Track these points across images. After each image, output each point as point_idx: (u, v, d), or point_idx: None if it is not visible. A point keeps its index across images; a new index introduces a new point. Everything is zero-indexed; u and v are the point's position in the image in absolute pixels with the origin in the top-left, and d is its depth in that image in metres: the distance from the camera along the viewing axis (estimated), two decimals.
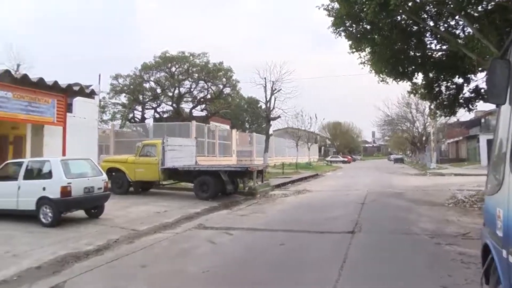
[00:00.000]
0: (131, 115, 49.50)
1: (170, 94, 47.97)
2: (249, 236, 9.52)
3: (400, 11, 12.87)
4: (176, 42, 73.82)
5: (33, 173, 10.67)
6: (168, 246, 8.41)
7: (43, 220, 9.86)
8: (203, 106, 50.35)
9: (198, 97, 49.29)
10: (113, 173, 16.51)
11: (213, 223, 11.13)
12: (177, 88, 47.41)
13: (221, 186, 15.80)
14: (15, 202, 10.28)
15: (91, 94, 21.97)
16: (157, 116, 49.18)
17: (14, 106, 17.41)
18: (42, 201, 9.88)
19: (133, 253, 7.71)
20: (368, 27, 14.48)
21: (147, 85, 48.48)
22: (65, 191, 9.79)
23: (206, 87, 48.13)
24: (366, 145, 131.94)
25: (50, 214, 9.82)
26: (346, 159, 74.69)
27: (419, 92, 18.12)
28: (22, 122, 19.45)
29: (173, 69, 46.79)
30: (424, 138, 52.59)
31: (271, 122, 39.06)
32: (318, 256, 7.56)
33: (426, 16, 14.82)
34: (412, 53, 16.27)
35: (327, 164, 59.28)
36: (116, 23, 75.36)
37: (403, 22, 14.91)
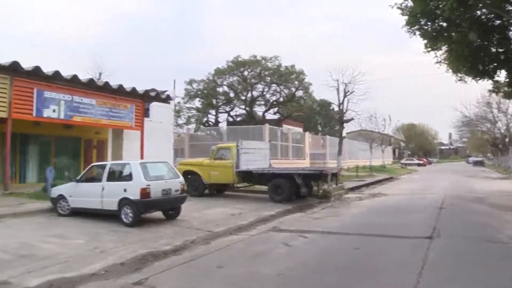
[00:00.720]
0: (205, 119, 51.14)
1: (243, 97, 48.93)
2: (324, 240, 9.60)
3: (481, 5, 12.37)
4: (247, 46, 75.35)
5: (115, 175, 11.50)
6: (244, 248, 8.70)
7: (125, 220, 10.61)
8: (276, 109, 50.83)
9: (271, 100, 49.86)
10: (189, 176, 17.24)
11: (288, 225, 11.33)
12: (249, 92, 48.28)
13: (295, 189, 16.00)
14: (100, 202, 11.18)
15: (167, 99, 23.13)
16: (231, 119, 50.37)
17: (98, 112, 18.84)
18: (124, 202, 10.65)
19: (209, 254, 8.07)
20: (444, 24, 14.07)
21: (220, 90, 49.88)
22: (145, 193, 10.46)
23: (278, 90, 48.61)
24: (442, 147, 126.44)
25: (130, 214, 10.54)
26: (421, 162, 72.29)
27: (502, 90, 17.25)
28: (105, 127, 20.96)
29: (246, 73, 47.69)
30: (507, 140, 49.47)
31: (344, 125, 38.70)
32: (395, 260, 7.49)
33: (511, 8, 14.10)
34: (494, 50, 15.52)
35: (402, 167, 57.48)
36: (187, 30, 78.34)
37: (483, 17, 14.27)
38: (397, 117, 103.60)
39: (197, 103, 50.99)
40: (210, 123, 50.67)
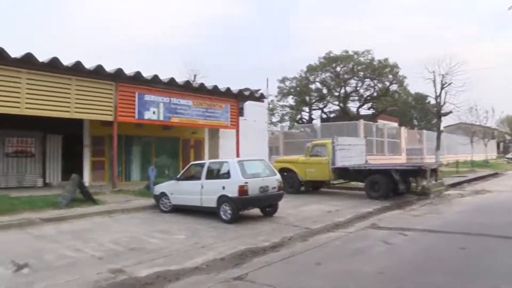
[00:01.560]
0: (298, 116, 51.30)
1: (336, 94, 48.35)
2: (425, 238, 9.24)
3: None
4: (339, 41, 73.85)
5: (214, 173, 11.95)
6: (342, 245, 8.64)
7: (223, 216, 11.01)
8: (370, 104, 49.58)
9: (365, 96, 48.75)
10: (285, 173, 17.42)
11: (386, 223, 11.06)
12: (342, 88, 47.61)
13: (393, 186, 15.57)
14: (199, 200, 11.71)
15: (261, 98, 23.56)
16: (324, 116, 50.02)
17: (194, 112, 19.73)
18: (222, 199, 11.04)
19: (307, 251, 8.11)
20: None
21: (313, 86, 49.71)
22: (243, 190, 10.76)
23: (372, 85, 47.41)
24: None
25: (229, 211, 10.90)
26: None
27: None
28: (201, 126, 21.87)
29: (338, 68, 47.09)
30: None
31: (442, 118, 36.82)
32: (507, 263, 7.04)
33: None
34: None
35: (508, 161, 52.99)
36: (277, 29, 78.87)
37: None
38: (501, 109, 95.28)
39: (290, 100, 51.36)
40: (304, 120, 50.73)
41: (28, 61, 14.46)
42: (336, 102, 49.37)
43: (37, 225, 10.51)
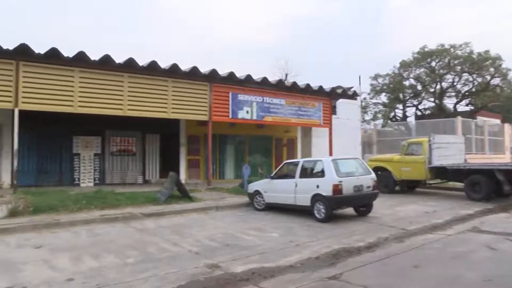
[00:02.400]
0: (392, 114, 49.69)
1: (432, 90, 46.08)
2: None
3: None
4: (433, 34, 69.99)
5: (308, 172, 11.92)
6: (441, 248, 8.21)
7: (317, 215, 10.94)
8: (468, 100, 46.58)
9: (462, 91, 45.89)
10: (379, 172, 16.95)
11: (490, 226, 10.28)
12: (438, 83, 45.25)
13: (495, 187, 14.51)
14: (293, 198, 11.73)
15: (353, 96, 23.13)
16: (419, 113, 47.88)
17: (287, 111, 19.84)
18: (316, 197, 10.98)
19: (404, 253, 7.80)
20: None
21: (406, 83, 47.84)
22: (337, 189, 10.62)
23: (470, 79, 44.50)
24: None
25: (323, 210, 10.80)
26: None
27: None
28: (294, 125, 21.93)
29: (433, 63, 44.81)
30: None
31: None
32: None
33: None
34: None
35: None
36: (367, 25, 76.73)
37: None
38: None
39: (383, 98, 49.86)
40: (397, 118, 48.97)
41: (130, 65, 15.48)
42: (432, 99, 47.03)
43: (139, 219, 11.18)
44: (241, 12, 77.88)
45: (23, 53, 13.57)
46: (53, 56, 14.06)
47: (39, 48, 13.86)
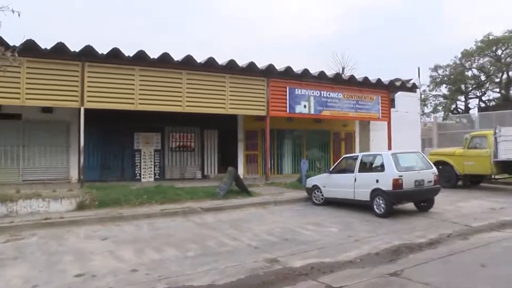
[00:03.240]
0: (453, 106, 47.68)
1: (497, 80, 43.71)
2: None
3: None
4: (497, 22, 66.10)
5: (367, 166, 11.77)
6: (510, 247, 7.86)
7: (377, 210, 10.77)
8: None
9: None
10: (440, 166, 16.38)
11: None
12: (505, 73, 42.82)
13: None
14: (352, 193, 11.61)
15: (412, 88, 22.47)
16: (482, 105, 45.61)
17: (345, 105, 19.60)
18: (376, 192, 10.82)
19: (469, 250, 7.51)
20: None
21: (469, 73, 45.66)
22: (397, 184, 10.40)
23: None
24: None
25: (383, 205, 10.62)
26: None
27: None
28: (352, 119, 21.64)
29: (499, 52, 42.43)
30: None
31: None
32: None
33: None
34: None
35: None
36: (425, 16, 73.66)
37: None
38: None
39: (443, 89, 47.81)
40: (459, 110, 46.90)
41: (187, 63, 15.82)
42: (497, 89, 44.52)
43: (198, 214, 11.44)
44: (293, 7, 77.38)
45: (88, 54, 14.21)
46: (114, 56, 14.63)
47: (99, 49, 14.52)
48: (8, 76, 11.92)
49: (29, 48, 12.77)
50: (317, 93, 18.83)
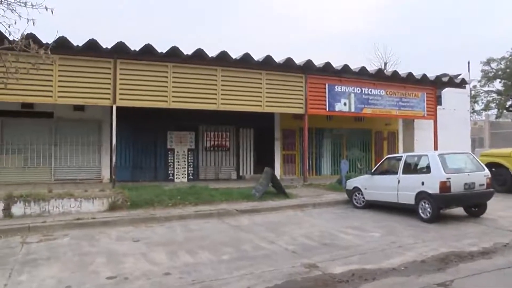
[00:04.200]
0: (508, 103, 46.07)
1: None
2: None
3: None
4: None
5: (411, 168, 11.55)
6: None
7: (422, 215, 10.50)
8: None
9: None
10: (493, 169, 15.85)
11: None
12: None
13: None
14: (395, 196, 11.39)
15: (461, 84, 21.86)
16: None
17: (387, 103, 19.29)
18: (421, 195, 10.56)
19: None
20: None
21: None
22: (444, 187, 10.12)
23: None
24: None
25: (429, 210, 10.35)
26: None
27: None
28: (395, 117, 21.27)
29: None
30: None
31: None
32: None
33: None
34: None
35: None
36: (473, 7, 71.26)
37: None
38: None
39: (497, 85, 46.28)
40: None
41: (222, 59, 15.93)
42: None
43: (234, 216, 11.48)
44: (331, 2, 76.65)
45: (120, 51, 14.49)
46: (147, 53, 14.86)
47: (131, 45, 14.78)
48: (40, 74, 12.33)
49: (61, 45, 13.13)
50: (358, 90, 18.61)
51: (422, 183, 10.60)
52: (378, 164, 13.21)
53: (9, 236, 9.04)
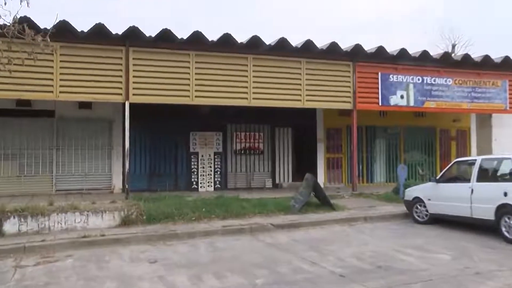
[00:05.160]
0: None
1: None
2: None
3: None
4: None
5: (489, 174, 11.27)
6: None
7: (506, 233, 10.09)
8: None
9: None
10: None
11: None
12: None
13: None
14: (468, 209, 11.05)
15: None
16: None
17: (456, 94, 18.80)
18: (503, 209, 10.16)
19: None
20: None
21: None
22: None
23: None
24: None
25: None
26: None
27: None
28: (466, 112, 20.71)
29: None
30: None
31: None
32: None
33: None
34: None
35: None
36: None
37: None
38: None
39: None
40: None
41: (254, 45, 15.87)
42: None
43: (268, 232, 11.41)
44: None
45: (133, 37, 14.59)
46: (165, 39, 14.93)
47: (146, 31, 14.84)
48: (39, 65, 12.45)
49: (63, 31, 13.22)
50: (418, 80, 18.23)
51: (505, 194, 10.21)
52: (445, 170, 12.88)
53: None
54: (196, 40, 15.15)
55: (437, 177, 12.75)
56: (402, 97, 17.93)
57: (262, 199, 14.60)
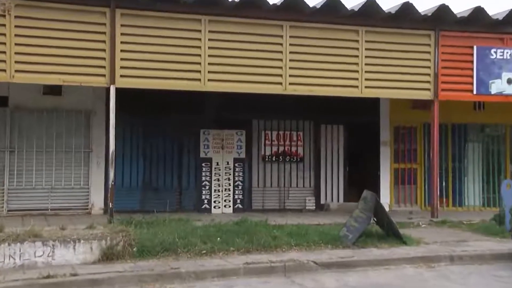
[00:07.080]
0: None
1: None
2: None
3: None
4: None
5: None
6: None
7: None
8: None
9: None
10: None
11: None
12: None
13: None
14: None
15: None
16: None
17: None
18: None
19: None
20: None
21: None
22: None
23: None
24: None
25: None
26: None
27: None
28: None
29: None
30: None
31: None
32: None
33: None
34: None
35: None
36: None
37: None
38: None
39: None
40: None
41: (290, 7, 15.49)
42: None
43: (310, 272, 11.28)
44: None
45: None
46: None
47: None
48: None
49: None
50: None
51: None
52: None
53: None
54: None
55: None
56: (510, 81, 17.63)
57: (301, 226, 14.58)
